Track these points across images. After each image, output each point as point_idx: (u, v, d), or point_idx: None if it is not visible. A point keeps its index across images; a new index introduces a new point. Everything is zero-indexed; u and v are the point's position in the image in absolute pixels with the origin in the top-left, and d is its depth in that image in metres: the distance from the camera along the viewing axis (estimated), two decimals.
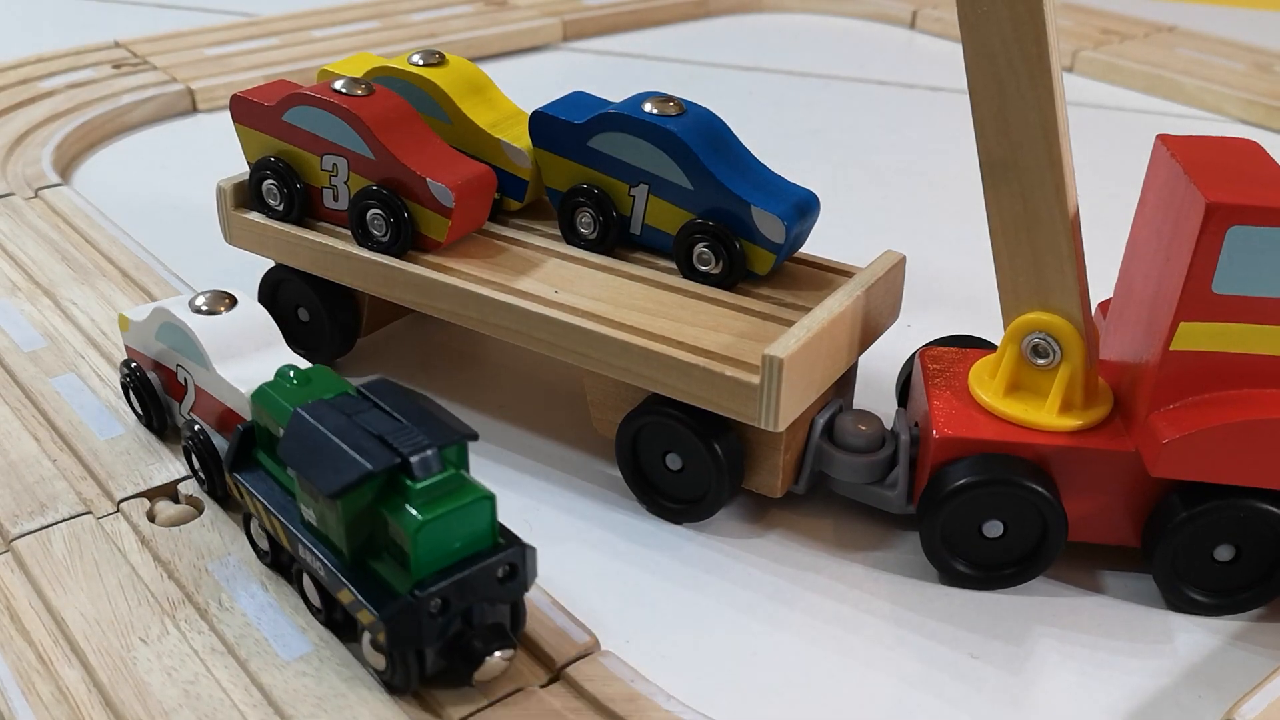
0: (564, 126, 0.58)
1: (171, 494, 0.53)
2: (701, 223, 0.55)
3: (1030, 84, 0.46)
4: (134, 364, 0.56)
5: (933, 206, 0.88)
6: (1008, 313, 0.51)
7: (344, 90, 0.58)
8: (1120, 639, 0.49)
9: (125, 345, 0.57)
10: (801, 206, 0.55)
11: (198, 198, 0.78)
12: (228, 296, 0.53)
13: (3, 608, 0.47)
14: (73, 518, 0.51)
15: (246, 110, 0.60)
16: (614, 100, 0.58)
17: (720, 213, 0.55)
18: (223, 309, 0.53)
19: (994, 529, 0.50)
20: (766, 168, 0.57)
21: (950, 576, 0.51)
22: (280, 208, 0.61)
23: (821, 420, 0.53)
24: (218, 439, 0.51)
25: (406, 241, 0.57)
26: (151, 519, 0.51)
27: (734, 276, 0.56)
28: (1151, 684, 0.47)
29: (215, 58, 1.09)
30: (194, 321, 0.52)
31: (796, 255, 0.58)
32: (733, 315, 0.54)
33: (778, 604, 0.50)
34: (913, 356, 0.57)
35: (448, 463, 0.42)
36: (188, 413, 0.53)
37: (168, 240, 0.77)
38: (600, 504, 0.56)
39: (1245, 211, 0.43)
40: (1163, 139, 0.49)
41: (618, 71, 1.16)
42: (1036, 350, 0.50)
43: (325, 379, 0.46)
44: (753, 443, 0.52)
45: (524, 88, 0.75)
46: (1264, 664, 0.48)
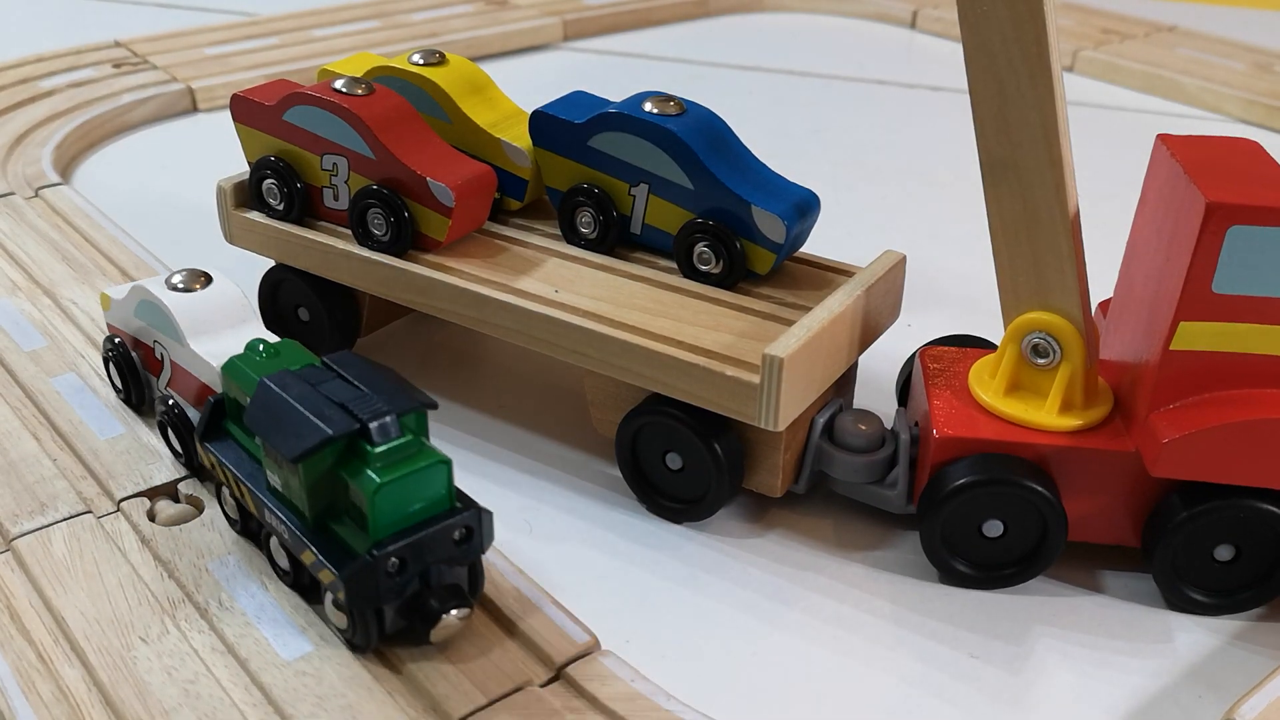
0: (564, 126, 0.58)
1: (172, 493, 0.53)
2: (702, 222, 0.55)
3: (1030, 83, 0.46)
4: (117, 339, 0.57)
5: (933, 206, 0.88)
6: (1008, 312, 0.51)
7: (344, 90, 0.58)
8: (1120, 639, 0.49)
9: (107, 323, 0.58)
10: (802, 206, 0.55)
11: (198, 197, 0.78)
12: (203, 275, 0.54)
13: (3, 607, 0.47)
14: (73, 517, 0.51)
15: (247, 110, 0.60)
16: (614, 100, 0.58)
17: (720, 212, 0.55)
18: (198, 286, 0.54)
19: (994, 529, 0.50)
20: (767, 167, 0.57)
21: (950, 576, 0.51)
22: (280, 207, 0.61)
23: (821, 420, 0.53)
24: (192, 412, 0.52)
25: (407, 241, 0.57)
26: (152, 518, 0.51)
27: (734, 276, 0.56)
28: (1151, 684, 0.47)
29: (215, 57, 1.10)
30: (170, 298, 0.53)
31: (797, 255, 0.58)
32: (733, 315, 0.54)
33: (778, 604, 0.50)
34: (913, 356, 0.57)
35: (407, 430, 0.43)
36: (164, 388, 0.54)
37: (168, 240, 0.77)
38: (600, 504, 0.56)
39: (1245, 211, 0.43)
40: (1163, 139, 0.49)
41: (618, 71, 1.16)
42: (1036, 350, 0.50)
43: (293, 352, 0.48)
44: (753, 442, 0.52)
45: (524, 87, 0.75)
46: (1264, 664, 0.48)
